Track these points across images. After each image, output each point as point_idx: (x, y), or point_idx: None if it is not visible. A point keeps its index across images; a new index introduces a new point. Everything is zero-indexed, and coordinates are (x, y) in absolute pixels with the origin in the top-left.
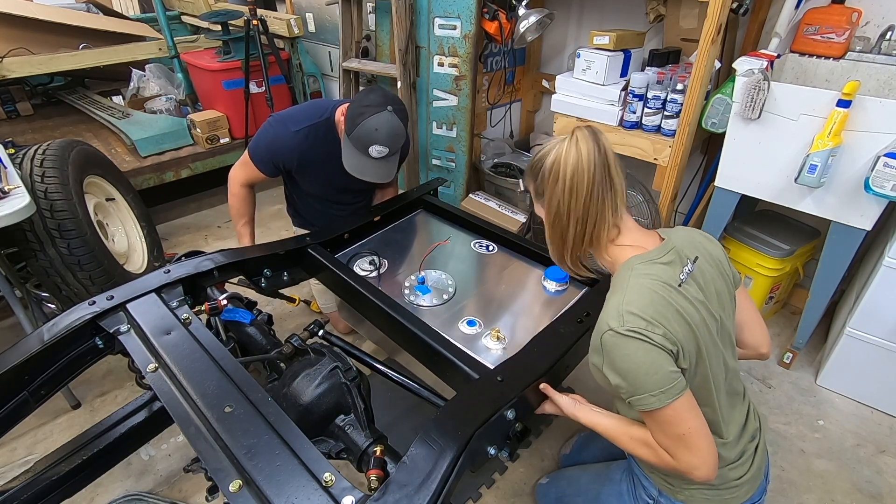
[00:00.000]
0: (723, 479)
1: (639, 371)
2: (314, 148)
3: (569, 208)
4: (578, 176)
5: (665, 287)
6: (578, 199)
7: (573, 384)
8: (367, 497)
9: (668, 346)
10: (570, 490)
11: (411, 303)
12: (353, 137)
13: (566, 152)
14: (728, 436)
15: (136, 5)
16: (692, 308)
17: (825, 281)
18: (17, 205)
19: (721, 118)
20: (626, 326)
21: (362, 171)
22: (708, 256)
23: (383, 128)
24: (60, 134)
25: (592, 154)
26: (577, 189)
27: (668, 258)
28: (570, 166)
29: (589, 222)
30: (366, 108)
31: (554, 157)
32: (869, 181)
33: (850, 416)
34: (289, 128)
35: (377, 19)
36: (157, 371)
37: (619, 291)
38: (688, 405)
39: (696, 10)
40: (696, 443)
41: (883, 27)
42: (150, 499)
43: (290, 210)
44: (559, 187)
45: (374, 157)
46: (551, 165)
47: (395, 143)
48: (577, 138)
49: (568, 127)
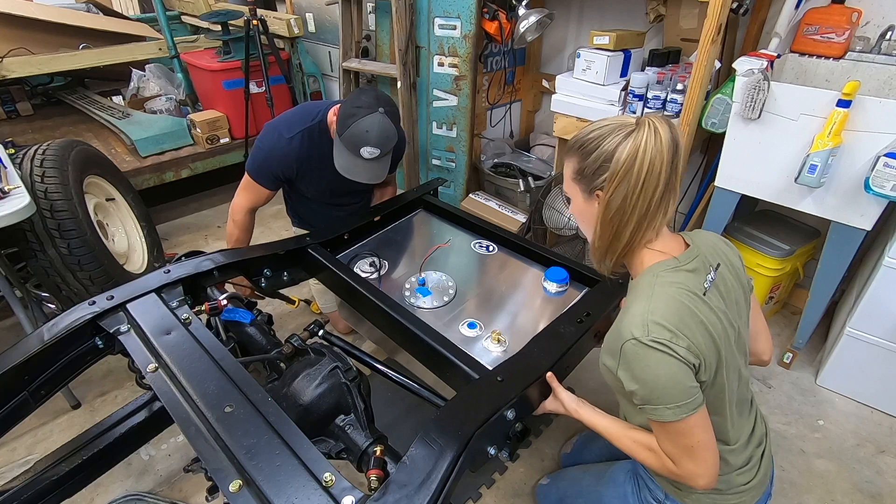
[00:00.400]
0: (729, 484)
1: (657, 383)
2: (310, 152)
3: (634, 204)
4: (654, 169)
5: (691, 296)
6: (646, 194)
7: (573, 384)
8: (367, 497)
9: (690, 360)
10: (572, 491)
11: (412, 305)
12: (344, 138)
13: (645, 143)
14: (736, 442)
15: (136, 5)
16: (715, 318)
17: (825, 281)
18: (17, 205)
19: (721, 118)
20: (650, 336)
21: (353, 171)
22: (728, 264)
23: (374, 129)
24: (60, 134)
25: (670, 145)
26: (648, 183)
27: (694, 265)
28: (647, 158)
29: (646, 220)
30: (357, 108)
31: (631, 148)
32: (869, 181)
33: (850, 416)
34: (283, 135)
35: (377, 19)
36: (157, 371)
37: (643, 298)
38: (701, 420)
39: (696, 10)
40: (703, 455)
41: (883, 27)
42: (150, 499)
43: (289, 212)
44: (631, 180)
45: (366, 157)
46: (627, 158)
47: (385, 145)
48: (655, 127)
49: (568, 127)
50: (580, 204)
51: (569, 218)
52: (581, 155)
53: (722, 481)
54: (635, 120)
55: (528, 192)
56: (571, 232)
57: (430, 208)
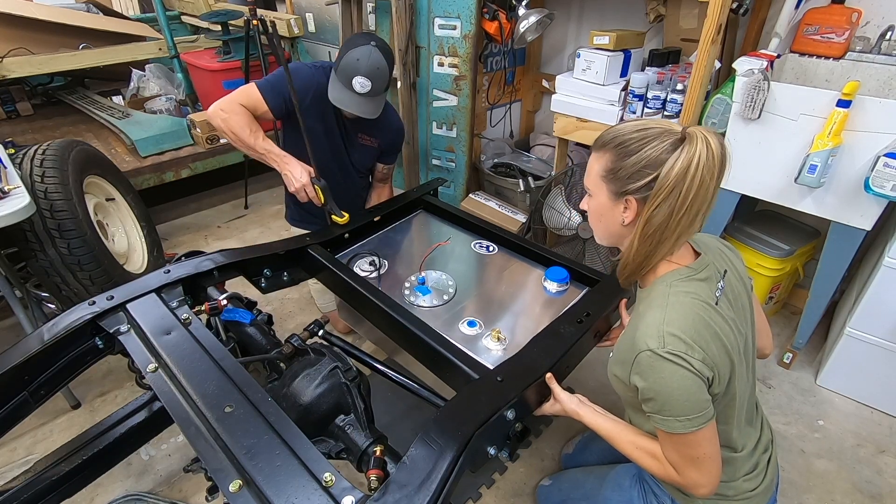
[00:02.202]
0: (737, 490)
1: (671, 395)
2: (323, 88)
3: (678, 221)
4: (704, 186)
5: (705, 307)
6: (691, 212)
7: (573, 384)
8: (367, 497)
9: (705, 374)
10: (576, 494)
11: (412, 303)
12: (338, 71)
13: (699, 158)
14: (743, 448)
15: (136, 5)
16: (728, 328)
17: (825, 281)
18: (17, 205)
19: (721, 118)
20: (666, 348)
21: (345, 103)
22: (734, 269)
23: (364, 59)
24: (60, 134)
25: (721, 161)
26: (696, 200)
27: (705, 274)
28: (698, 175)
29: (682, 235)
30: (350, 42)
31: (683, 163)
32: (869, 181)
33: (850, 416)
34: (306, 64)
35: (377, 19)
36: (157, 371)
37: (657, 308)
38: (710, 433)
39: (696, 10)
40: (707, 466)
41: (883, 27)
42: (150, 499)
43: (287, 212)
44: (679, 197)
45: (357, 91)
46: (678, 173)
47: (376, 77)
48: (708, 142)
49: (568, 127)
50: (603, 203)
51: (569, 218)
52: (618, 154)
53: (729, 487)
54: (682, 130)
55: (528, 192)
56: (571, 232)
57: (430, 208)
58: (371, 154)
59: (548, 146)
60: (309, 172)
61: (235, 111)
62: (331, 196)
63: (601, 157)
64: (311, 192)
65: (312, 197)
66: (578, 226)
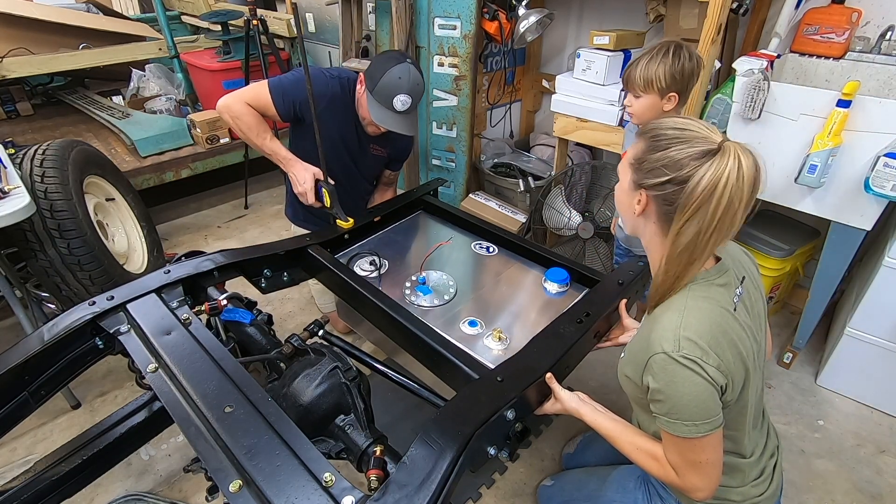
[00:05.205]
0: (744, 495)
1: (681, 400)
2: (338, 98)
3: (707, 241)
4: (732, 207)
5: (723, 313)
6: (719, 233)
7: (574, 384)
8: (367, 497)
9: (719, 381)
10: (578, 494)
11: (412, 303)
12: (377, 91)
13: (727, 176)
14: (751, 454)
15: (136, 5)
16: (744, 335)
17: (825, 281)
18: (17, 205)
19: (721, 118)
20: (681, 353)
21: (388, 122)
22: (750, 275)
23: (406, 76)
24: (60, 134)
25: (752, 182)
26: (724, 221)
27: (724, 280)
28: (725, 195)
29: (714, 249)
30: (386, 61)
31: (709, 180)
32: (869, 181)
33: (850, 416)
34: (323, 72)
35: (377, 19)
36: (157, 371)
37: (675, 311)
38: (716, 440)
39: (696, 10)
40: (708, 471)
41: (883, 27)
42: (150, 499)
43: (288, 210)
44: (706, 216)
45: (398, 109)
46: (703, 190)
47: (416, 92)
48: (739, 159)
49: (568, 127)
50: (624, 189)
51: (569, 218)
52: (649, 145)
53: (737, 493)
54: (720, 141)
55: (528, 192)
56: (571, 232)
57: (431, 209)
58: (380, 163)
59: (548, 146)
60: (314, 175)
61: (244, 113)
62: (337, 200)
63: (637, 144)
64: (311, 199)
65: (313, 203)
66: (578, 226)
